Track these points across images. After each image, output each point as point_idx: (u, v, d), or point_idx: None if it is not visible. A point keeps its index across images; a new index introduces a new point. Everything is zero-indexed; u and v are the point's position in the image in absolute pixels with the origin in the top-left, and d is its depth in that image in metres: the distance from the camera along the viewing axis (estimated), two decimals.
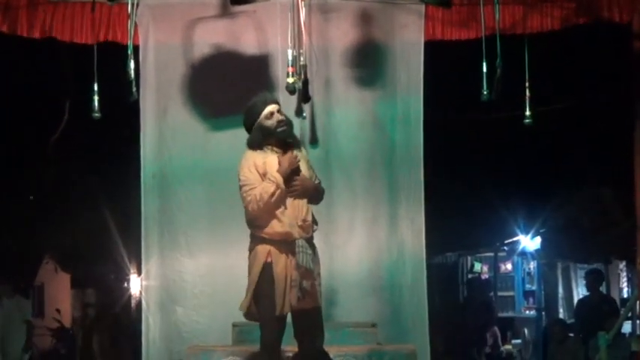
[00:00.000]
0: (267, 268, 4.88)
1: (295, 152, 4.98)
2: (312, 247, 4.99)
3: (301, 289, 4.82)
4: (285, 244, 4.88)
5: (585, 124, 10.51)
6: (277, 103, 5.12)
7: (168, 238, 6.93)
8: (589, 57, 9.37)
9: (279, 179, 4.81)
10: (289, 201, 4.88)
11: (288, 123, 5.01)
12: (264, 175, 4.87)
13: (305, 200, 4.97)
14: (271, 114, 4.99)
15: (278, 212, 4.87)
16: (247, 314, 4.99)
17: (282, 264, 4.87)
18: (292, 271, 4.85)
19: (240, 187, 4.91)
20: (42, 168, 11.31)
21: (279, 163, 4.88)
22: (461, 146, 11.44)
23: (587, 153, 10.89)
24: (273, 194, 4.78)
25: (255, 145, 5.01)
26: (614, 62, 8.47)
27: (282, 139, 4.99)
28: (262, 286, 4.87)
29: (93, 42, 6.84)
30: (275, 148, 4.98)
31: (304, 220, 4.95)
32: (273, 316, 4.83)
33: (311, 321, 4.95)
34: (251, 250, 5.00)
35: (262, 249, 4.91)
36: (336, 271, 6.76)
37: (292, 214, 4.90)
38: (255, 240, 4.97)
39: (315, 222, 5.07)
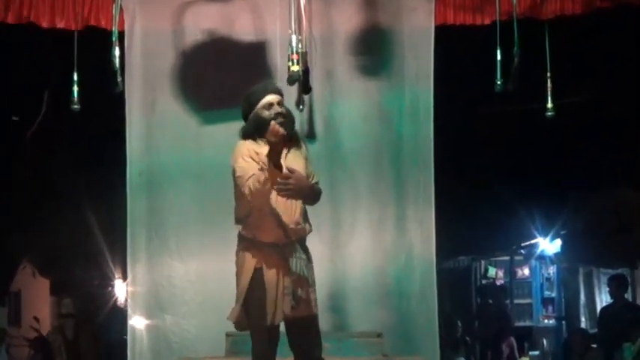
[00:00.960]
0: (257, 274, 4.85)
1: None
2: (306, 252, 4.98)
3: (295, 297, 4.80)
4: (276, 247, 4.86)
5: (608, 119, 10.49)
6: (280, 93, 5.03)
7: (157, 240, 6.94)
8: (611, 43, 9.36)
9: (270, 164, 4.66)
10: (282, 201, 4.84)
11: (288, 117, 4.91)
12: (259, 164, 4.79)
13: (299, 201, 4.92)
14: (270, 105, 4.91)
15: (269, 213, 4.85)
16: (237, 324, 4.99)
17: (273, 270, 4.84)
18: (284, 277, 4.83)
19: (237, 179, 4.82)
20: (19, 164, 11.32)
21: (269, 152, 4.75)
22: (474, 141, 11.43)
23: (612, 150, 10.88)
24: (265, 182, 4.65)
25: (247, 136, 4.96)
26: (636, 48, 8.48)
27: None
28: (252, 293, 4.84)
29: (74, 28, 6.86)
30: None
31: (297, 223, 4.91)
32: (264, 325, 4.81)
33: (306, 330, 4.93)
34: (239, 253, 4.97)
35: (251, 253, 4.88)
36: (339, 277, 6.79)
37: (284, 215, 4.86)
38: (244, 242, 4.93)
39: (309, 225, 5.05)
